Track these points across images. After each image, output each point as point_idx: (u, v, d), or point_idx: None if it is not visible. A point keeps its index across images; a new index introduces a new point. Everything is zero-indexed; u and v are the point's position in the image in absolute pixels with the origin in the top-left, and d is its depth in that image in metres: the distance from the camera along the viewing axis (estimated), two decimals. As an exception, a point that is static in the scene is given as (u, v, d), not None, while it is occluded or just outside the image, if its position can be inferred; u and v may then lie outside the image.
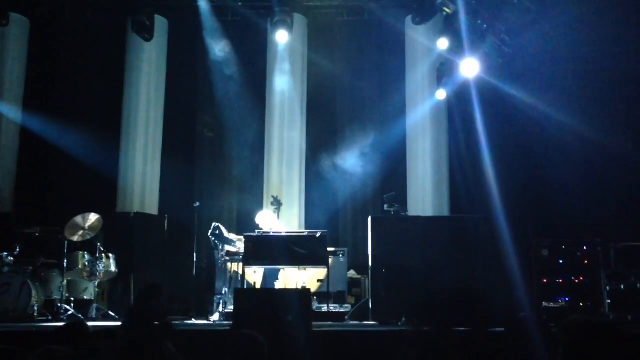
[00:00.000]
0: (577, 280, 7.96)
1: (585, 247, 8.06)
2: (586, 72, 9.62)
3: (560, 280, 7.98)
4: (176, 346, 3.75)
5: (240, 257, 8.02)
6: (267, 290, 7.84)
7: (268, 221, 8.64)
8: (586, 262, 8.02)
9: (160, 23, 10.94)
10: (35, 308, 7.86)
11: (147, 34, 10.45)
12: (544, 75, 9.99)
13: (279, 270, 8.29)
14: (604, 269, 8.29)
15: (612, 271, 8.37)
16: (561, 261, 8.06)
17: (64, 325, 3.82)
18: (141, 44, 10.68)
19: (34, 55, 11.00)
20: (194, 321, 8.14)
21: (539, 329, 3.23)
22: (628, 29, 9.07)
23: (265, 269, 8.29)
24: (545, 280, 7.99)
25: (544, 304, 7.90)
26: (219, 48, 10.80)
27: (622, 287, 8.18)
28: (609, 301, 8.26)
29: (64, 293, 8.19)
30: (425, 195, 10.50)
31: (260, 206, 10.12)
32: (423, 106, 10.70)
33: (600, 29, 9.25)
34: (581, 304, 7.84)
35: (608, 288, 8.30)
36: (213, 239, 8.28)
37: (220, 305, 8.11)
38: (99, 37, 10.97)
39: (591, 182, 9.36)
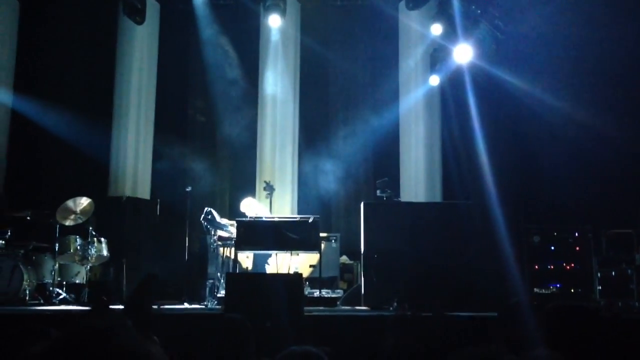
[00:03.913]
0: (568, 267, 8.00)
1: (576, 234, 8.09)
2: (578, 58, 9.60)
3: (552, 267, 8.02)
4: (163, 331, 3.73)
5: (233, 241, 8.01)
6: (260, 275, 7.84)
7: (253, 208, 8.63)
8: (577, 248, 8.06)
9: (152, 6, 10.81)
10: (27, 292, 7.84)
11: (138, 17, 10.30)
12: (537, 61, 9.97)
13: (269, 255, 8.29)
14: (595, 255, 8.34)
15: (602, 257, 8.42)
16: (552, 248, 8.09)
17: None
18: (133, 27, 10.54)
19: (24, 37, 10.87)
20: (186, 305, 8.14)
21: (532, 313, 3.25)
22: (620, 14, 9.05)
23: (254, 254, 8.29)
24: (536, 267, 8.03)
25: (536, 290, 7.95)
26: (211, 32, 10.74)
27: (613, 273, 8.23)
28: (600, 287, 8.32)
29: (55, 277, 8.15)
30: (417, 180, 10.51)
31: (252, 191, 10.10)
32: (416, 92, 10.69)
33: (593, 15, 9.23)
34: (572, 290, 7.88)
35: (599, 274, 8.36)
36: (205, 223, 8.26)
37: (213, 290, 8.11)
38: (90, 19, 10.82)
39: (583, 169, 9.38)
